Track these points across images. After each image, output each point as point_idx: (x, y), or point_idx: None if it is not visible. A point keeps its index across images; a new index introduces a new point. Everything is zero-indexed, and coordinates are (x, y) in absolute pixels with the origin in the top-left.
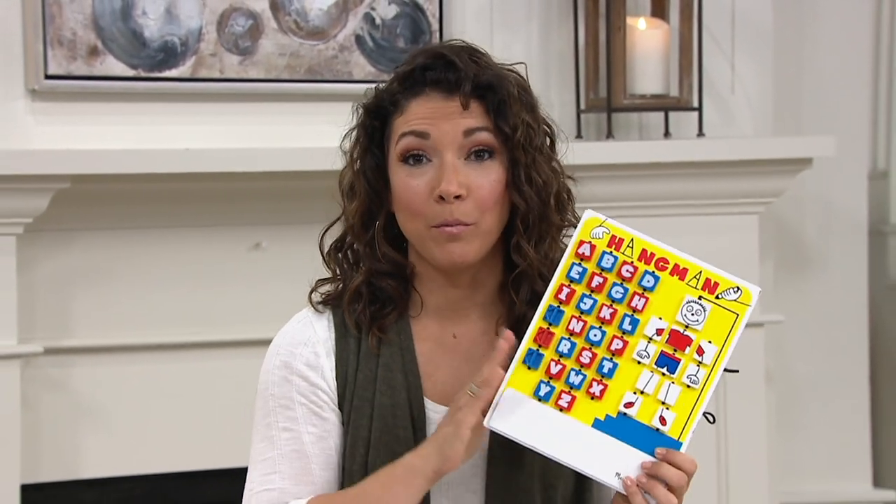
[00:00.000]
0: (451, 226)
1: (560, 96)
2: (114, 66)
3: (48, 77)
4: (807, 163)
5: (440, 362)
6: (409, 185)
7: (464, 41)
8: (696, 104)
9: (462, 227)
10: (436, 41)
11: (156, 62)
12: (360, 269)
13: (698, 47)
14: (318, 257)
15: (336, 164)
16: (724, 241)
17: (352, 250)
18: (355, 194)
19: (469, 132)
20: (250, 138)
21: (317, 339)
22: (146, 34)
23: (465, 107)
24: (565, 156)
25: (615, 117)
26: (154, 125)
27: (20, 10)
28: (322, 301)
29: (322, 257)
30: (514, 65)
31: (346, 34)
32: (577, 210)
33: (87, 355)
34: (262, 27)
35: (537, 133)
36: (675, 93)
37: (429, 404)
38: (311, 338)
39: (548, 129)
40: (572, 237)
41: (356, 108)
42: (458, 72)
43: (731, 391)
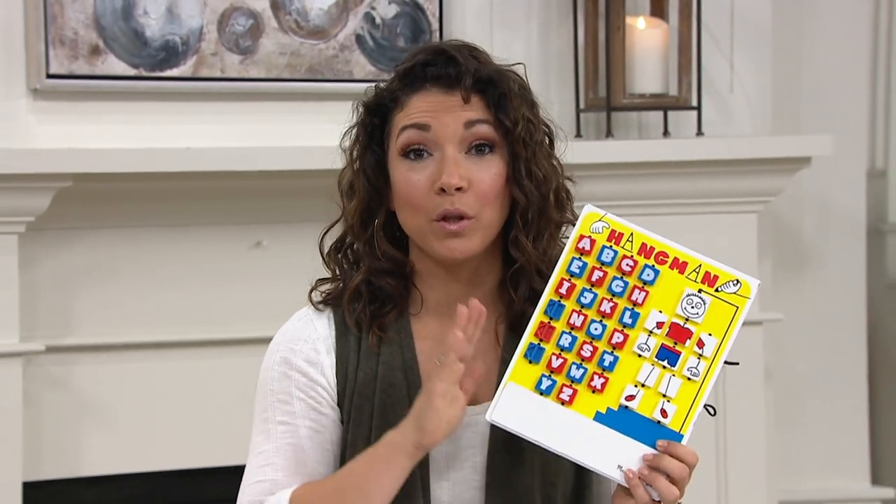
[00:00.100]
0: (452, 217)
1: (559, 95)
2: (115, 65)
3: (50, 76)
4: (805, 162)
5: None
6: (410, 180)
7: (463, 41)
8: (695, 103)
9: (463, 224)
10: (436, 40)
11: (157, 61)
12: (360, 269)
13: (697, 47)
14: (318, 256)
15: (336, 163)
16: (723, 240)
17: (351, 250)
18: (355, 193)
19: (470, 124)
20: (251, 137)
21: (317, 336)
22: (147, 34)
23: (466, 100)
24: (564, 155)
25: (614, 116)
26: (155, 124)
27: (22, 9)
28: (322, 300)
29: (322, 258)
30: (513, 65)
31: (346, 33)
32: (576, 210)
33: (88, 353)
34: (262, 26)
35: (537, 129)
36: (674, 92)
37: None
38: (311, 335)
39: (546, 128)
40: (572, 232)
41: (356, 106)
42: (459, 66)
43: (730, 389)
